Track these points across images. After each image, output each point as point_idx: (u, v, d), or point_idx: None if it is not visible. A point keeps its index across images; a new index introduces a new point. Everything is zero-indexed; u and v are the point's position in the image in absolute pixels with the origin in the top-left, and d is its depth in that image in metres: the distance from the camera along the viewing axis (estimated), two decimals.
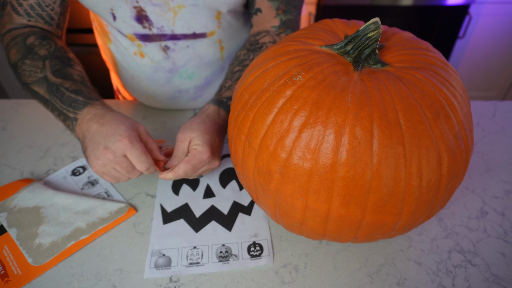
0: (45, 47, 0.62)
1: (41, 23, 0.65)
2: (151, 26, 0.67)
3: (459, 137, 0.42)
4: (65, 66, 0.61)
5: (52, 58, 0.61)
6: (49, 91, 0.59)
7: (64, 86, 0.59)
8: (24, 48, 0.62)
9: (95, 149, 0.53)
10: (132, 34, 0.68)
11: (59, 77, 0.59)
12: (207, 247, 0.56)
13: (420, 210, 0.43)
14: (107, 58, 0.82)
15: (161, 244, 0.56)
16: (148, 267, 0.53)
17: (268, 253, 0.55)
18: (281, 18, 0.70)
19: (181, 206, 0.62)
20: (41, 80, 0.59)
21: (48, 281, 0.52)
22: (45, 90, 0.59)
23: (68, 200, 0.61)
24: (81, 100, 0.58)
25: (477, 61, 1.89)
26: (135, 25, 0.67)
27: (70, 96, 0.58)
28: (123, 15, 0.65)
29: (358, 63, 0.44)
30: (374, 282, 0.52)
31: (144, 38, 0.69)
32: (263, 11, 0.70)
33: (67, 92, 0.58)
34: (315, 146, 0.40)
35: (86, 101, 0.58)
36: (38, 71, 0.60)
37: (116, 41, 0.73)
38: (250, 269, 0.53)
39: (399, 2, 1.63)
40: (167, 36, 0.69)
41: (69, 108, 0.58)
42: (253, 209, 0.62)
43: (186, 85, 0.79)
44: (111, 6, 0.64)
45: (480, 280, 0.52)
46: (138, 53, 0.72)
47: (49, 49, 0.62)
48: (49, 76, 0.59)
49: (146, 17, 0.66)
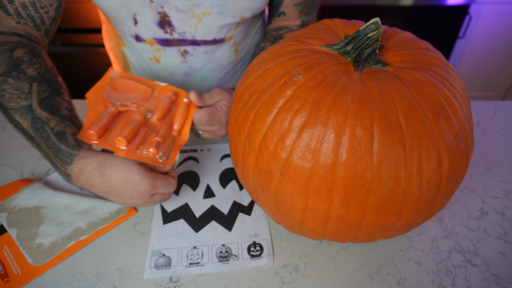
0: (34, 66, 0.53)
1: (30, 26, 0.58)
2: (173, 31, 0.67)
3: (459, 137, 0.42)
4: (54, 95, 0.53)
5: (41, 82, 0.52)
6: (34, 127, 0.50)
7: (49, 125, 0.51)
8: (9, 61, 0.52)
9: (122, 199, 0.53)
10: (153, 38, 0.68)
11: (45, 109, 0.51)
12: (207, 247, 0.56)
13: (420, 210, 0.43)
14: (118, 61, 0.81)
15: (161, 244, 0.56)
16: (148, 267, 0.53)
17: (268, 253, 0.55)
18: (303, 19, 0.74)
19: (181, 206, 0.62)
20: (25, 109, 0.50)
21: (48, 281, 0.52)
22: (29, 124, 0.50)
23: (68, 200, 0.61)
24: (64, 151, 0.51)
25: (477, 61, 1.89)
26: (156, 30, 0.66)
27: (54, 143, 0.51)
28: (146, 20, 0.64)
29: (358, 63, 0.44)
30: (374, 282, 0.52)
31: (164, 43, 0.69)
32: (287, 14, 0.74)
33: (51, 135, 0.51)
34: (315, 146, 0.40)
35: (70, 152, 0.51)
36: (22, 96, 0.50)
37: (130, 46, 0.72)
38: (250, 269, 0.53)
39: (399, 2, 1.63)
40: (187, 41, 0.69)
41: (56, 158, 0.51)
42: (253, 209, 0.62)
43: (199, 88, 0.79)
44: (134, 11, 0.63)
45: (480, 280, 0.52)
46: (154, 59, 0.72)
47: (38, 69, 0.53)
48: (35, 106, 0.50)
49: (169, 22, 0.65)
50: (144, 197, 0.53)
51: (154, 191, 0.53)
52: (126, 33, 0.69)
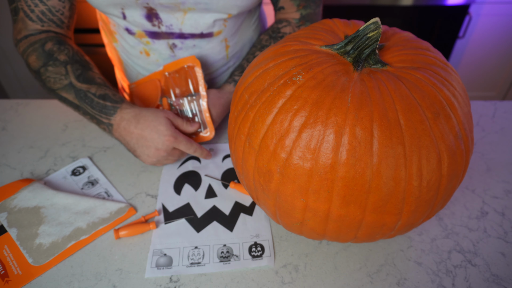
0: (63, 52, 0.65)
1: (53, 27, 0.68)
2: (160, 24, 0.69)
3: (459, 137, 0.42)
4: (86, 70, 0.65)
5: (73, 63, 0.65)
6: (78, 97, 0.63)
7: (91, 92, 0.63)
8: (44, 54, 0.64)
9: (146, 150, 0.62)
10: (142, 31, 0.70)
11: (83, 82, 0.63)
12: (208, 247, 0.56)
13: (420, 210, 0.43)
14: (113, 56, 0.84)
15: (162, 244, 0.56)
16: (149, 267, 0.53)
17: (270, 253, 0.55)
18: (301, 13, 0.77)
19: (183, 206, 0.62)
20: (68, 86, 0.63)
21: (48, 281, 0.52)
22: (73, 96, 0.63)
23: (68, 200, 0.61)
24: (109, 105, 0.63)
25: (477, 61, 1.89)
26: (145, 23, 0.68)
27: (99, 102, 0.63)
28: (133, 14, 0.67)
29: (358, 63, 0.44)
30: (374, 282, 0.52)
31: (153, 35, 0.71)
32: (286, 8, 0.77)
33: (95, 98, 0.63)
34: (315, 146, 0.40)
35: (114, 105, 0.63)
36: (62, 77, 0.63)
37: (122, 40, 0.74)
38: (250, 269, 0.53)
39: (399, 2, 1.63)
40: (175, 34, 0.70)
41: (100, 114, 0.63)
42: (255, 209, 0.62)
43: None
44: (122, 6, 0.65)
45: (480, 280, 0.52)
46: (144, 52, 0.74)
47: (68, 54, 0.65)
48: (74, 82, 0.63)
49: (156, 15, 0.67)
50: (167, 147, 0.61)
51: (176, 143, 0.62)
52: (120, 25, 0.71)
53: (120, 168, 0.69)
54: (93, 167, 0.69)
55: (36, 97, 2.04)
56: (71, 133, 0.76)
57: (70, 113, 0.81)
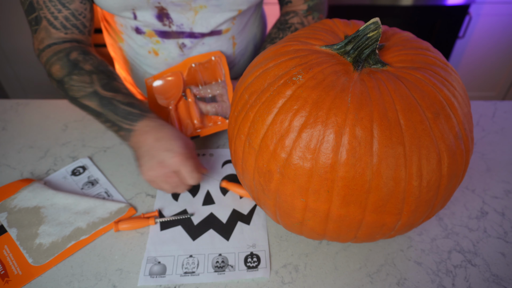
0: (89, 62, 0.64)
1: (76, 33, 0.67)
2: (171, 23, 0.69)
3: (459, 137, 0.42)
4: (111, 80, 0.64)
5: (98, 73, 0.64)
6: (102, 104, 0.62)
7: (116, 99, 0.62)
8: (69, 63, 0.63)
9: (149, 161, 0.57)
10: (152, 30, 0.70)
11: (109, 90, 0.62)
12: (203, 256, 0.55)
13: (420, 210, 0.43)
14: (117, 56, 0.83)
15: (157, 251, 0.55)
16: (142, 275, 0.52)
17: (265, 265, 0.54)
18: (308, 4, 0.78)
19: (180, 212, 0.61)
20: (92, 94, 0.62)
21: (48, 281, 0.52)
22: (96, 104, 0.62)
23: (68, 200, 0.61)
24: (137, 112, 0.61)
25: (477, 61, 1.89)
26: (155, 23, 0.68)
27: (126, 109, 0.61)
28: (145, 14, 0.67)
29: (358, 63, 0.44)
30: (374, 282, 0.52)
31: (163, 35, 0.71)
32: (293, 1, 0.78)
33: (121, 105, 0.61)
34: (315, 146, 0.40)
35: (142, 113, 0.61)
36: (87, 86, 0.62)
37: (129, 40, 0.74)
38: (245, 280, 0.52)
39: (399, 2, 1.63)
40: (185, 33, 0.71)
41: (124, 120, 0.61)
42: (253, 218, 0.60)
43: None
44: (133, 7, 0.65)
45: (480, 280, 0.52)
46: (153, 52, 0.74)
47: (93, 64, 0.64)
48: (100, 90, 0.62)
49: (167, 15, 0.67)
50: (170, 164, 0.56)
51: (182, 164, 0.56)
52: (127, 26, 0.71)
53: (120, 168, 0.69)
54: (93, 167, 0.69)
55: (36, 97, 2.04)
56: (71, 133, 0.76)
57: (70, 113, 0.81)
